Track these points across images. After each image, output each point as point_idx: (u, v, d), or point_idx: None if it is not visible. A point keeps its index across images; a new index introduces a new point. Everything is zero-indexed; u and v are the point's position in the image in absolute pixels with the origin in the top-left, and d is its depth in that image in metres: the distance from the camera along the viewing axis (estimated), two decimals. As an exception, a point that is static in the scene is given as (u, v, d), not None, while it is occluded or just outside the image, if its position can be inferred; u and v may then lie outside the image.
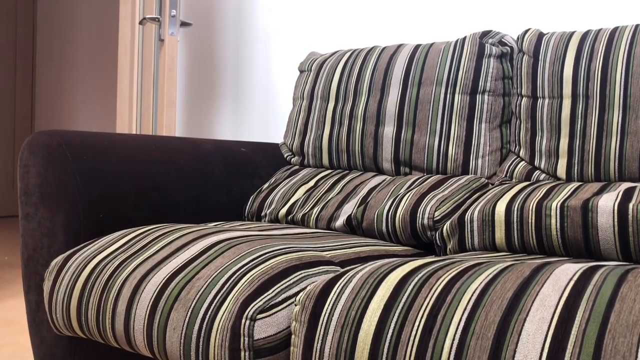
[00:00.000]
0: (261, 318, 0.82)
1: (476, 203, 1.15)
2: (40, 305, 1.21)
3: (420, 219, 1.22)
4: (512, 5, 1.70)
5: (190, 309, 0.86)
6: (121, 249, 1.05)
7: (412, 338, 0.69)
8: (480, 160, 1.38)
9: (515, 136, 1.38)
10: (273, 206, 1.49)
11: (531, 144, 1.34)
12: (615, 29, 1.29)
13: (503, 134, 1.41)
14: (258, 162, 1.62)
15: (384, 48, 1.58)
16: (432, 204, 1.23)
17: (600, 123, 1.23)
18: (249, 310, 0.82)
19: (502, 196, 1.13)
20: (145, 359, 1.11)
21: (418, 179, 1.37)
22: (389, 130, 1.47)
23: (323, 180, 1.52)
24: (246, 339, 0.81)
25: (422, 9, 1.87)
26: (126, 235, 1.10)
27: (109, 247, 1.07)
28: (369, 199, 1.34)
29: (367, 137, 1.50)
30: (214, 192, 1.47)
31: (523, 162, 1.35)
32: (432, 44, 1.50)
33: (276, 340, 0.82)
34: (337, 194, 1.43)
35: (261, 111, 2.28)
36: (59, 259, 1.09)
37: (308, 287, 0.82)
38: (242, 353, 0.81)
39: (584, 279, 0.70)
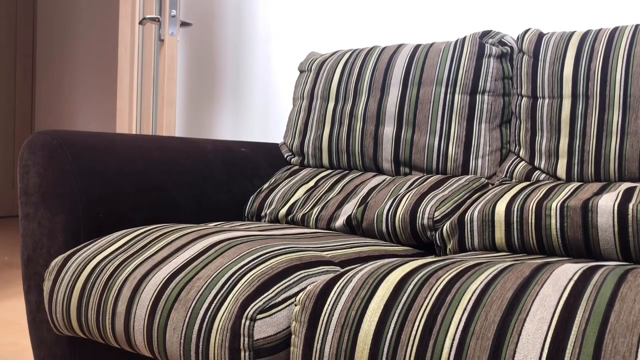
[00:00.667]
0: (261, 318, 0.82)
1: (476, 203, 1.15)
2: (40, 305, 1.21)
3: (420, 219, 1.22)
4: (512, 5, 1.70)
5: (190, 309, 0.86)
6: (121, 249, 1.05)
7: (412, 338, 0.69)
8: (480, 160, 1.38)
9: (515, 136, 1.38)
10: (273, 206, 1.49)
11: (531, 144, 1.34)
12: (615, 29, 1.29)
13: (503, 134, 1.41)
14: (258, 162, 1.62)
15: (384, 48, 1.58)
16: (432, 204, 1.23)
17: (600, 123, 1.23)
18: (249, 310, 0.82)
19: (502, 196, 1.13)
20: (145, 359, 1.11)
21: (418, 179, 1.37)
22: (389, 130, 1.47)
23: (323, 181, 1.52)
24: (246, 339, 0.81)
25: (422, 9, 1.87)
26: (126, 235, 1.10)
27: (109, 247, 1.07)
28: (369, 199, 1.34)
29: (367, 137, 1.50)
30: (214, 192, 1.47)
31: (523, 162, 1.35)
32: (432, 44, 1.51)
33: (276, 340, 0.82)
34: (337, 194, 1.43)
35: (261, 111, 2.28)
36: (59, 259, 1.09)
37: (308, 287, 0.82)
38: (242, 353, 0.81)
39: (584, 279, 0.70)
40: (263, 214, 1.50)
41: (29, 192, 1.21)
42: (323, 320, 0.76)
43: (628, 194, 1.01)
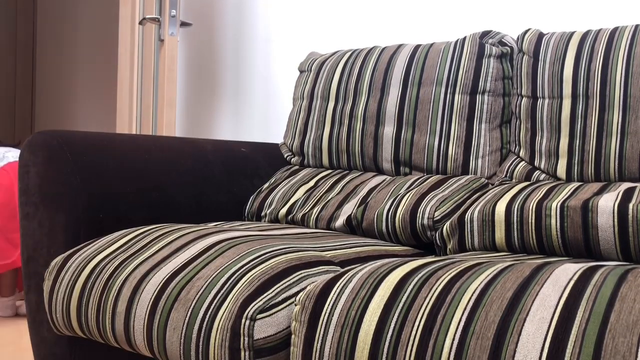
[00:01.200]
0: (261, 318, 0.82)
1: (476, 203, 1.15)
2: (40, 305, 1.21)
3: (420, 219, 1.22)
4: (512, 5, 1.70)
5: (190, 309, 0.86)
6: (121, 249, 1.05)
7: (412, 338, 0.69)
8: (480, 161, 1.38)
9: (515, 136, 1.38)
10: (273, 206, 1.49)
11: (531, 144, 1.34)
12: (615, 29, 1.29)
13: (503, 134, 1.41)
14: (258, 162, 1.62)
15: (384, 48, 1.58)
16: (432, 204, 1.23)
17: (600, 123, 1.23)
18: (249, 310, 0.82)
19: (502, 196, 1.13)
20: (145, 358, 1.11)
21: (418, 179, 1.37)
22: (389, 130, 1.47)
23: (323, 180, 1.52)
24: (246, 338, 0.81)
25: (422, 9, 1.87)
26: (126, 235, 1.10)
27: (109, 247, 1.07)
28: (369, 199, 1.34)
29: (367, 137, 1.50)
30: (214, 192, 1.47)
31: (523, 162, 1.35)
32: (432, 44, 1.51)
33: (276, 340, 0.82)
34: (337, 194, 1.43)
35: (261, 111, 2.28)
36: (59, 259, 1.09)
37: (308, 287, 0.82)
38: (242, 353, 0.81)
39: (584, 279, 0.70)
40: (263, 214, 1.50)
41: (29, 192, 1.21)
42: (323, 320, 0.76)
43: (628, 194, 1.01)
